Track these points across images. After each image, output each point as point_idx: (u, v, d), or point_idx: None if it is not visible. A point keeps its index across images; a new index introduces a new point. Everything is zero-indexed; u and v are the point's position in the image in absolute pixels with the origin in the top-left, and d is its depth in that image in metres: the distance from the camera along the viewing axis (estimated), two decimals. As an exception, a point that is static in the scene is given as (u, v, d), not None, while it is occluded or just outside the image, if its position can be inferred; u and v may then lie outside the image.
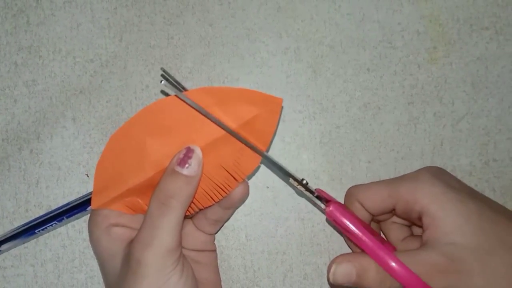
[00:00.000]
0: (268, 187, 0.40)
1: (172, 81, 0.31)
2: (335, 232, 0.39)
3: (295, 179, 0.34)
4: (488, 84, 0.40)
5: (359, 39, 0.40)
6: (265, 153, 0.33)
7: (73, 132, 0.40)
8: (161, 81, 0.31)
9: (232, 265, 0.39)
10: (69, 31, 0.41)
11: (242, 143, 0.33)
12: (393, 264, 0.31)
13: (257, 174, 0.39)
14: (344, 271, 0.32)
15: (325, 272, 0.39)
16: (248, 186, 0.35)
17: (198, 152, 0.32)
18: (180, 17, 0.40)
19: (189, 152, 0.32)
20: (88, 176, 0.40)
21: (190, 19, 0.40)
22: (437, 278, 0.30)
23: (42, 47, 0.41)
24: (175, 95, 0.32)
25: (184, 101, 0.32)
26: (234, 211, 0.39)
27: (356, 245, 0.33)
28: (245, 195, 0.35)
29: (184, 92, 0.32)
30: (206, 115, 0.32)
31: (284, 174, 0.34)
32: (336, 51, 0.40)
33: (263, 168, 0.40)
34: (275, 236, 0.39)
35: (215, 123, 0.32)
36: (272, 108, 0.33)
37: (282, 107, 0.33)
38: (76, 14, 0.41)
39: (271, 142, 0.39)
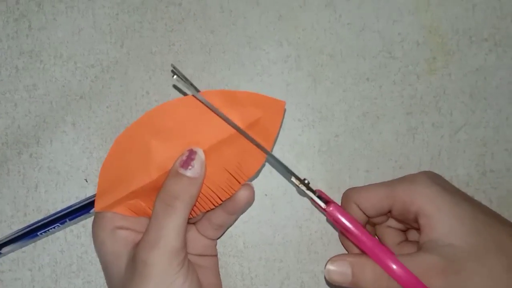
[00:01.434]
0: (266, 195, 0.40)
1: (182, 78, 0.32)
2: (333, 240, 0.39)
3: (297, 178, 0.34)
4: (487, 95, 0.40)
5: (359, 48, 0.40)
6: (269, 152, 0.34)
7: (73, 137, 0.40)
8: (172, 76, 0.31)
9: (229, 272, 0.39)
10: (70, 36, 0.41)
11: (250, 142, 0.33)
12: (393, 265, 0.31)
13: (256, 182, 0.39)
14: (340, 270, 0.32)
15: (322, 280, 0.39)
16: (253, 192, 0.35)
17: (200, 154, 0.32)
18: (182, 24, 0.41)
19: (191, 154, 0.32)
20: (87, 181, 0.40)
21: (191, 26, 0.40)
22: (436, 279, 0.31)
23: (43, 52, 0.41)
24: (191, 95, 0.32)
25: (199, 100, 0.32)
26: (238, 216, 0.39)
27: (356, 245, 0.33)
28: (251, 200, 0.35)
29: (190, 96, 0.32)
30: (219, 114, 0.32)
31: (287, 172, 0.34)
32: (336, 60, 0.40)
33: (261, 176, 0.40)
34: (273, 244, 0.39)
35: (227, 122, 0.33)
36: (276, 110, 0.33)
37: (285, 109, 0.33)
38: (77, 19, 0.41)
39: (274, 144, 0.39)
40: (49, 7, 0.41)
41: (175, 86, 0.40)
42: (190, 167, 0.32)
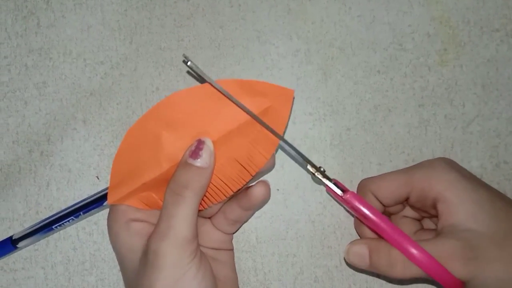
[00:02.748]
0: (278, 190, 0.40)
1: (194, 66, 0.32)
2: (346, 235, 0.39)
3: (313, 166, 0.34)
4: (499, 86, 0.39)
5: (369, 41, 0.40)
6: (285, 140, 0.34)
7: (84, 134, 0.40)
8: (186, 63, 0.31)
9: (242, 268, 0.39)
10: (79, 33, 0.41)
11: (266, 129, 0.33)
12: (412, 249, 0.31)
13: (268, 176, 0.39)
14: (358, 251, 0.33)
15: (336, 274, 0.39)
16: (269, 189, 0.35)
17: (209, 143, 0.32)
18: (191, 19, 0.40)
19: (200, 144, 0.32)
20: (98, 179, 0.40)
21: (200, 21, 0.40)
22: (455, 264, 0.31)
23: (52, 49, 0.41)
24: (201, 85, 0.33)
25: (214, 86, 0.32)
26: (254, 212, 0.39)
27: (374, 231, 0.33)
28: (266, 197, 0.35)
29: (199, 86, 0.33)
30: (234, 100, 0.32)
31: (303, 161, 0.34)
32: (347, 53, 0.40)
33: (273, 170, 0.39)
34: (286, 239, 0.39)
35: (242, 109, 0.33)
36: (285, 99, 0.33)
37: (294, 97, 0.33)
38: (86, 16, 0.41)
39: (284, 133, 0.39)
40: (57, 5, 0.41)
41: (188, 72, 0.40)
42: (199, 157, 0.32)
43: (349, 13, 0.40)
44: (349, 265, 0.38)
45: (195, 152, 0.32)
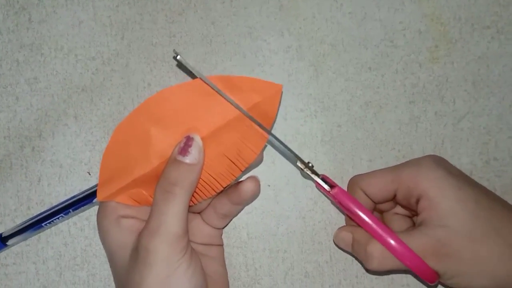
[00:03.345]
0: (269, 186, 0.40)
1: (184, 61, 0.32)
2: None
3: (302, 162, 0.35)
4: (489, 83, 0.40)
5: (361, 37, 0.40)
6: (275, 136, 0.34)
7: (75, 130, 0.40)
8: (176, 57, 0.32)
9: (233, 263, 0.39)
10: (71, 29, 0.40)
11: (257, 125, 0.33)
12: (392, 241, 0.32)
13: (259, 172, 0.39)
14: (343, 237, 0.36)
15: (327, 270, 0.39)
16: (259, 184, 0.35)
17: (197, 140, 0.33)
18: (182, 15, 0.40)
19: (189, 141, 0.32)
20: (90, 174, 0.40)
21: (192, 17, 0.40)
22: (427, 259, 0.32)
23: (44, 45, 0.40)
24: (190, 81, 0.33)
25: (204, 81, 0.32)
26: (243, 207, 0.39)
27: (360, 226, 0.34)
28: (256, 192, 0.35)
29: (188, 82, 0.33)
30: (224, 96, 0.33)
31: (292, 157, 0.35)
32: (338, 49, 0.40)
33: (264, 166, 0.40)
34: (276, 234, 0.39)
35: (232, 104, 0.33)
36: (273, 94, 0.33)
37: (282, 92, 0.33)
38: (78, 11, 0.41)
39: (272, 127, 0.39)
40: (49, 0, 0.41)
41: (178, 66, 0.40)
42: (188, 153, 0.32)
43: (341, 9, 0.40)
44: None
45: (184, 148, 0.32)
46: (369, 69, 0.40)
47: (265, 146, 0.34)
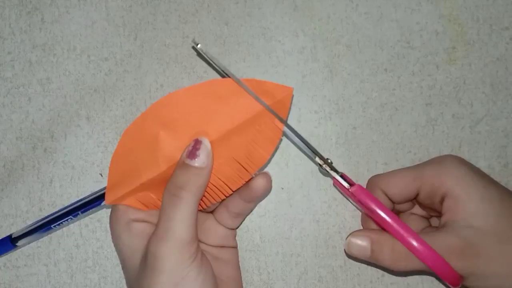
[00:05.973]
0: (283, 188, 0.39)
1: (204, 51, 0.32)
2: (351, 234, 0.39)
3: (321, 158, 0.34)
4: (508, 85, 0.39)
5: (377, 38, 0.39)
6: (296, 131, 0.33)
7: (87, 131, 0.40)
8: (197, 45, 0.31)
9: (246, 267, 0.39)
10: (83, 29, 0.40)
11: (278, 119, 0.33)
12: (415, 242, 0.31)
13: (272, 175, 0.39)
14: (360, 244, 0.33)
15: (341, 274, 0.38)
16: (270, 180, 0.34)
17: (206, 143, 0.32)
18: (196, 16, 0.40)
19: (197, 144, 0.32)
20: (102, 176, 0.39)
21: (205, 18, 0.40)
22: (454, 260, 0.31)
23: (56, 45, 0.40)
24: (197, 84, 0.33)
25: (225, 74, 0.32)
26: (256, 205, 0.38)
27: (379, 225, 0.33)
28: (268, 188, 0.34)
29: (196, 85, 0.33)
30: (249, 91, 0.32)
31: (310, 153, 0.34)
32: (353, 50, 0.39)
33: (278, 169, 0.39)
34: (290, 238, 0.39)
35: (257, 100, 0.33)
36: (284, 97, 0.33)
37: (293, 95, 0.33)
38: (90, 12, 0.40)
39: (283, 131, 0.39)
40: (62, 0, 0.40)
41: (199, 55, 0.39)
42: (196, 157, 0.32)
43: (356, 10, 0.40)
44: (348, 255, 0.38)
45: (192, 152, 0.32)
46: (385, 70, 0.39)
47: (275, 150, 0.34)
